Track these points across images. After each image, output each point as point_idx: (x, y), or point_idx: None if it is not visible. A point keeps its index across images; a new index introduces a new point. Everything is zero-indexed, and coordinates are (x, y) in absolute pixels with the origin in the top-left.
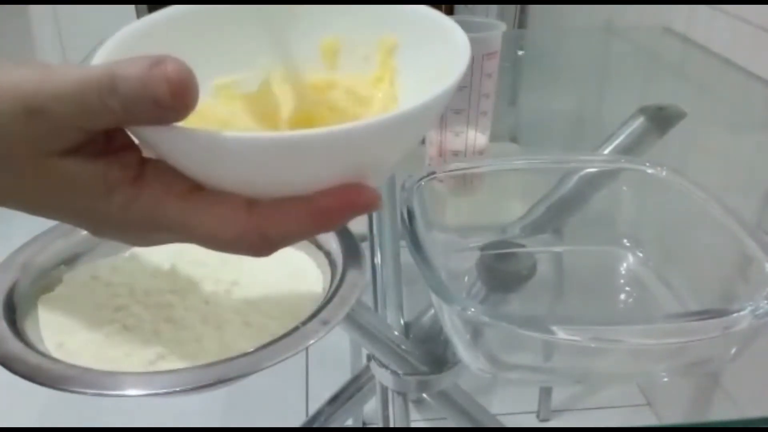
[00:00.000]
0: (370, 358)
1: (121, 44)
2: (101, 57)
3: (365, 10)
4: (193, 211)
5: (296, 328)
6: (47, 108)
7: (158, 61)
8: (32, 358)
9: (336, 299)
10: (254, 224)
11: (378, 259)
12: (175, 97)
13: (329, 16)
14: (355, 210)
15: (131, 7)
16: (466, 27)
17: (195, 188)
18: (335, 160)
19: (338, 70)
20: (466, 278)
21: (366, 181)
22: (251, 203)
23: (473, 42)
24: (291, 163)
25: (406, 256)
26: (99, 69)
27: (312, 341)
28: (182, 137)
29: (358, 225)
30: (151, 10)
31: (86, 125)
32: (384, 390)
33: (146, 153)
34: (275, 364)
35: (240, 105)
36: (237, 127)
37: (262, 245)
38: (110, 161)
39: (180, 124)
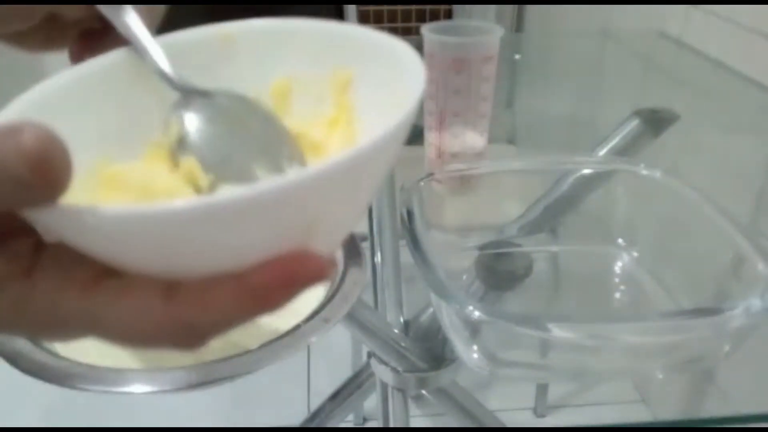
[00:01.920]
0: (370, 355)
1: (32, 106)
2: None
3: (314, 40)
4: (99, 303)
5: (298, 326)
6: None
7: (12, 130)
8: (38, 355)
9: (337, 298)
10: (175, 314)
11: (378, 259)
12: (35, 174)
13: (272, 52)
14: (299, 284)
15: None
16: (464, 31)
17: (103, 274)
18: (266, 225)
19: (292, 116)
20: (465, 277)
21: (312, 247)
22: (170, 287)
23: (472, 46)
24: (209, 234)
25: (406, 255)
26: None
27: (313, 339)
28: (63, 217)
29: (358, 225)
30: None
31: None
32: (384, 387)
33: (46, 236)
34: (278, 361)
35: (166, 165)
36: (157, 192)
37: (188, 337)
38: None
39: (64, 200)
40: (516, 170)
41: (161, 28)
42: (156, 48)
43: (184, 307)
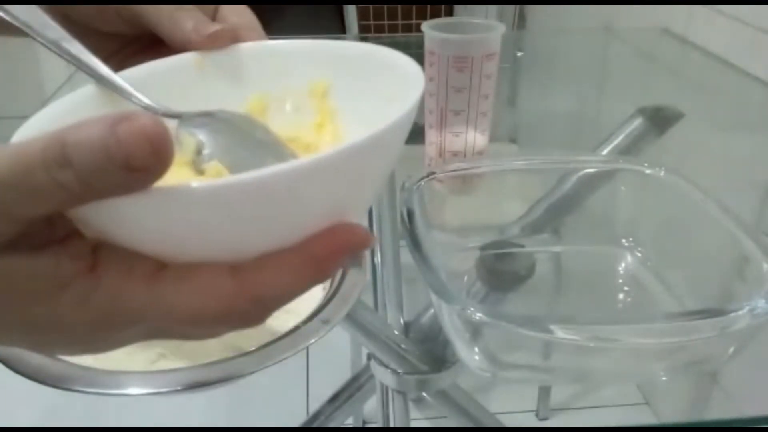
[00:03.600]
0: (370, 357)
1: (47, 122)
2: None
3: (289, 60)
4: (167, 291)
5: (297, 328)
6: None
7: (123, 118)
8: (34, 357)
9: (336, 299)
10: (245, 289)
11: (378, 259)
12: (156, 155)
13: (243, 72)
14: (352, 250)
15: None
16: (465, 28)
17: (161, 267)
18: (323, 193)
19: (276, 126)
20: (466, 278)
21: (348, 219)
22: (234, 266)
23: (473, 43)
24: (279, 204)
25: (406, 256)
26: (39, 141)
27: (313, 340)
28: (160, 200)
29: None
30: None
31: (28, 212)
32: (384, 389)
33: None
34: (276, 362)
35: (191, 175)
36: None
37: (256, 312)
38: (57, 252)
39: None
40: (518, 169)
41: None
42: (127, 87)
43: (253, 283)
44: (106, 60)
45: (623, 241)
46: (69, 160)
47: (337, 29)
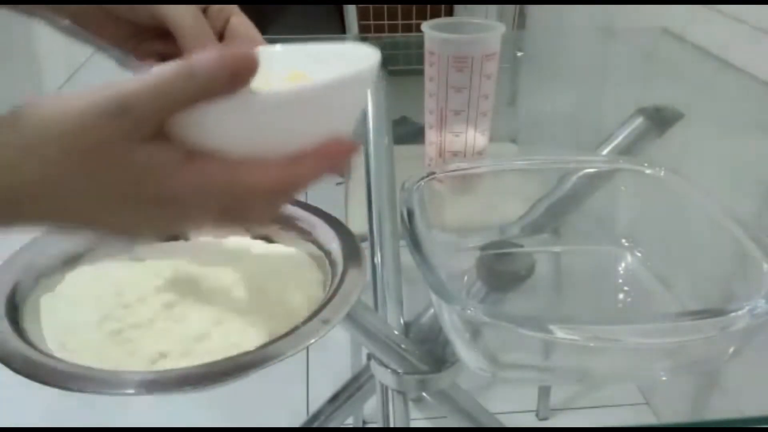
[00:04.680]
0: (370, 357)
1: None
2: None
3: (272, 59)
4: (242, 170)
5: (297, 328)
6: (133, 105)
7: (227, 48)
8: (34, 357)
9: (336, 299)
10: (289, 173)
11: (378, 259)
12: (248, 67)
13: None
14: (350, 153)
15: None
16: (465, 28)
17: (235, 162)
18: (348, 102)
19: None
20: (466, 278)
21: (343, 134)
22: (280, 161)
23: (473, 43)
24: (327, 105)
25: (406, 256)
26: (172, 66)
27: (312, 340)
28: (244, 100)
29: (358, 225)
30: None
31: (165, 114)
32: (384, 389)
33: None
34: (276, 362)
35: None
36: None
37: (291, 193)
38: (164, 142)
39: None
40: (518, 169)
41: None
42: None
43: (293, 169)
44: (124, 40)
45: (623, 241)
46: (194, 74)
47: (337, 29)
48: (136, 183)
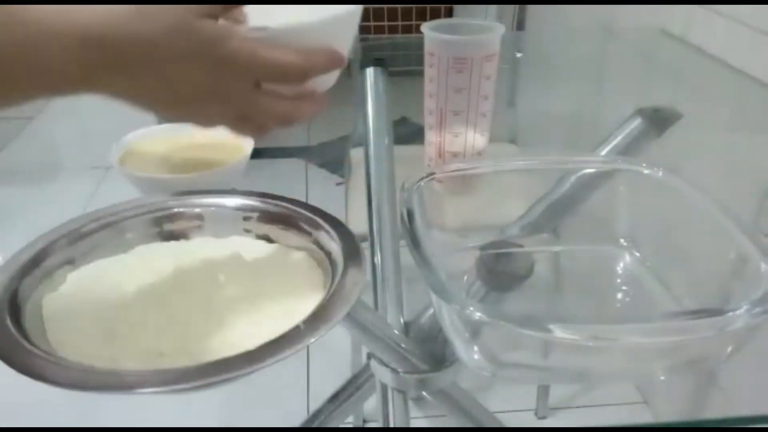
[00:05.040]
0: (370, 356)
1: None
2: None
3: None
4: (265, 48)
5: (297, 327)
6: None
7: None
8: (36, 356)
9: (336, 298)
10: (306, 59)
11: (378, 259)
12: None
13: None
14: (342, 64)
15: None
16: (465, 29)
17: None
18: (341, 32)
19: None
20: (465, 278)
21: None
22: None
23: (472, 44)
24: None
25: (406, 256)
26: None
27: (313, 340)
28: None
29: (358, 225)
30: None
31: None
32: (384, 388)
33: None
34: (276, 362)
35: None
36: None
37: (308, 75)
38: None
39: None
40: (517, 170)
41: None
42: None
43: (310, 57)
44: None
45: (622, 240)
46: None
47: None
48: (209, 44)
